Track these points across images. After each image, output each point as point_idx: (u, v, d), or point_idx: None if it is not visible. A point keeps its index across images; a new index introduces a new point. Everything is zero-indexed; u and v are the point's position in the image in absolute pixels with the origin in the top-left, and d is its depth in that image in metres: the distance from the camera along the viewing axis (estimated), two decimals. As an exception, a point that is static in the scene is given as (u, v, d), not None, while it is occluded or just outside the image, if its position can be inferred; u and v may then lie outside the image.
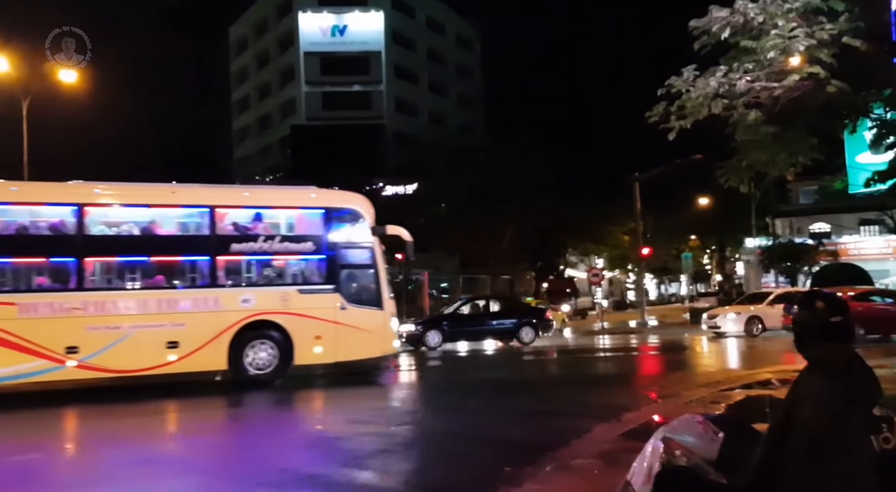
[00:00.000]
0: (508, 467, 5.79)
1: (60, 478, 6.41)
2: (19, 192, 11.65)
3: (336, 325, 12.03)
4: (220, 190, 13.43)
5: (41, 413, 9.91)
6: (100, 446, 7.85)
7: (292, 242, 12.32)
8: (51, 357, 10.45)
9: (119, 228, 11.67)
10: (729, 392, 9.06)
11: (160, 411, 10.16)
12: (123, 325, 10.92)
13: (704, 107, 10.60)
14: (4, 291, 10.68)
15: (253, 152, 63.89)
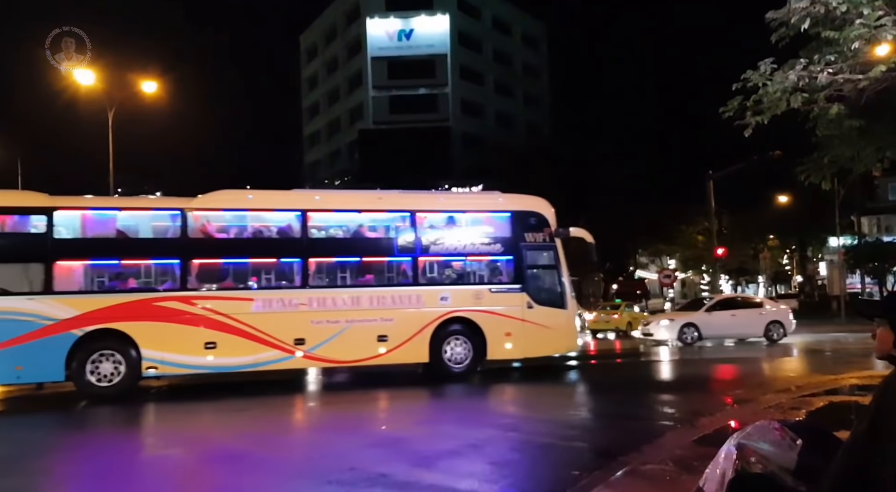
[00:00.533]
0: (577, 471, 5.74)
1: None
2: (254, 199, 12.82)
3: (524, 323, 12.72)
4: (418, 196, 14.29)
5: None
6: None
7: (483, 244, 13.04)
8: (282, 348, 11.62)
9: (335, 232, 12.83)
10: (810, 398, 8.67)
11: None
12: (341, 320, 11.94)
13: (783, 101, 10.18)
14: (243, 288, 11.91)
15: (323, 157, 65.40)
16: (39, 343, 10.53)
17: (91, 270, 11.61)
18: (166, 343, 11.11)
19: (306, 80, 68.61)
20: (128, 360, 10.91)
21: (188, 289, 11.48)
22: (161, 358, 11.08)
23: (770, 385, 10.98)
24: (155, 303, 11.25)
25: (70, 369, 10.73)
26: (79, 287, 11.39)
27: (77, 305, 10.89)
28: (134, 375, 11.01)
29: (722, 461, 2.83)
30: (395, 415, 10.08)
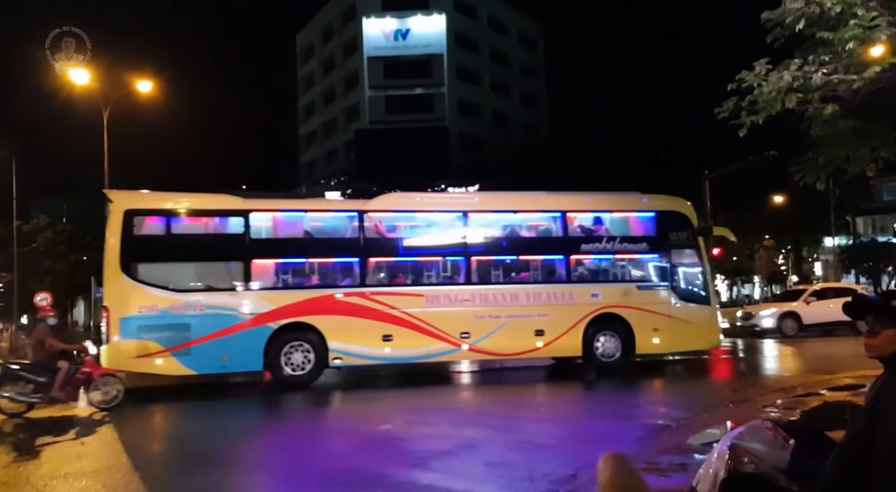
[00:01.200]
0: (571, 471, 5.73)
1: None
2: (421, 201, 13.87)
3: (670, 318, 13.19)
4: (568, 197, 14.60)
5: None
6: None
7: (630, 243, 13.53)
8: (450, 341, 12.35)
9: (494, 232, 13.41)
10: (804, 398, 8.69)
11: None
12: (502, 315, 12.61)
13: (778, 101, 10.21)
14: (414, 284, 12.67)
15: (319, 156, 65.31)
16: (241, 335, 11.47)
17: (283, 267, 12.39)
18: (349, 335, 11.94)
19: (302, 80, 68.49)
20: (316, 351, 11.80)
21: (367, 285, 12.32)
22: (345, 349, 11.94)
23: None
24: (338, 298, 12.16)
25: (267, 359, 11.59)
26: (273, 284, 12.19)
27: (272, 300, 11.80)
28: (321, 364, 11.89)
29: (715, 461, 2.83)
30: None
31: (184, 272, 11.85)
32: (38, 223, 38.23)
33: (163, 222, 11.97)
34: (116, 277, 11.29)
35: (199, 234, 12.34)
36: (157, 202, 12.30)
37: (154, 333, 11.15)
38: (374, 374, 14.06)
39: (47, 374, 9.67)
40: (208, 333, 11.28)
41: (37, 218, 38.72)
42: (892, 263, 31.49)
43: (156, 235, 11.90)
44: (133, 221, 11.60)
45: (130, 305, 11.22)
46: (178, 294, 11.42)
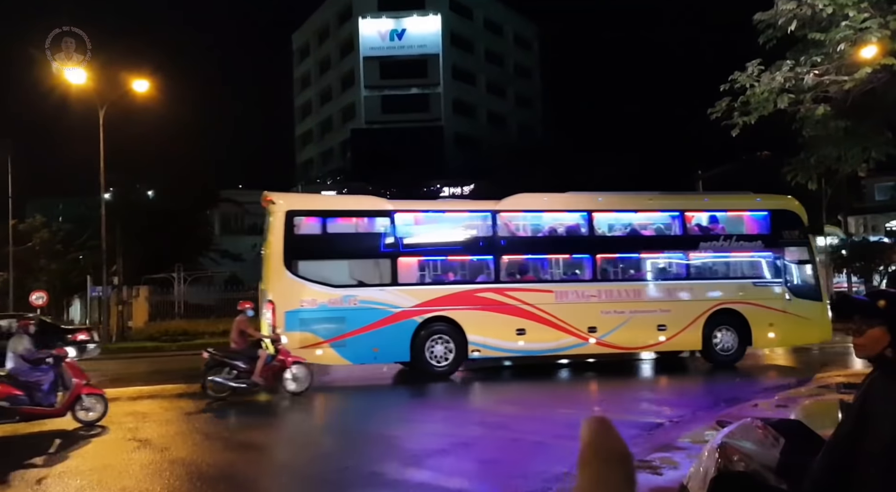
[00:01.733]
0: (566, 469, 5.78)
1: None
2: (548, 202, 14.14)
3: (784, 314, 13.50)
4: (685, 197, 15.31)
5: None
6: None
7: (745, 241, 13.92)
8: (578, 335, 12.85)
9: (617, 230, 13.93)
10: (796, 396, 8.76)
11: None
12: (626, 310, 13.07)
13: (770, 102, 10.29)
14: (545, 281, 13.21)
15: (315, 156, 65.20)
16: (390, 328, 12.18)
17: (425, 264, 13.07)
18: (486, 329, 12.54)
19: (298, 80, 68.34)
20: (456, 343, 12.39)
21: (501, 281, 12.87)
22: (483, 342, 12.52)
23: None
24: (475, 294, 12.74)
25: (413, 351, 12.21)
26: (416, 280, 12.86)
27: (416, 295, 12.47)
28: (461, 356, 12.49)
29: (705, 460, 2.86)
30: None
31: (338, 269, 12.58)
32: (33, 222, 38.14)
33: (319, 222, 12.77)
34: (280, 274, 12.07)
35: (350, 233, 13.18)
36: (314, 204, 13.44)
37: (314, 325, 11.94)
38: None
39: (248, 361, 10.51)
40: (361, 325, 12.04)
41: (33, 217, 38.61)
42: (883, 263, 31.61)
43: (313, 234, 12.67)
44: (294, 222, 12.36)
45: (293, 299, 11.98)
46: (335, 289, 12.18)
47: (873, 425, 2.32)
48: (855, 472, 2.35)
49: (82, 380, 8.88)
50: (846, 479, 2.38)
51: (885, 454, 2.25)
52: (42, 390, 8.62)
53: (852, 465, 2.36)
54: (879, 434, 2.28)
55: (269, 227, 12.44)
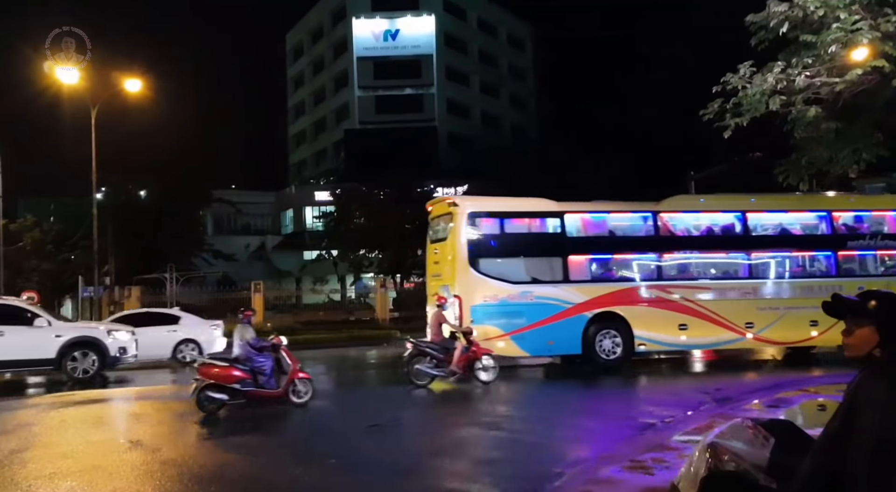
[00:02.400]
0: (558, 469, 5.79)
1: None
2: (704, 203, 14.75)
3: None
4: (831, 197, 15.29)
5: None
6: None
7: (891, 239, 14.19)
8: (736, 330, 13.34)
9: (769, 230, 14.27)
10: (786, 396, 8.80)
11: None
12: (780, 307, 13.57)
13: (762, 103, 10.35)
14: (704, 278, 13.71)
15: (308, 157, 65.08)
16: (564, 322, 12.88)
17: (593, 262, 13.78)
18: (651, 325, 13.15)
19: (292, 80, 68.21)
20: (623, 338, 13.02)
21: (663, 279, 13.56)
22: (648, 337, 13.16)
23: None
24: (639, 291, 13.40)
25: (584, 344, 12.85)
26: (585, 277, 13.52)
27: (586, 292, 13.13)
28: (628, 350, 13.09)
29: (696, 460, 2.87)
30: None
31: (515, 266, 13.38)
32: (24, 222, 37.89)
33: (497, 223, 13.55)
34: (465, 271, 12.91)
35: (525, 233, 13.94)
36: (492, 206, 13.96)
37: (496, 319, 12.71)
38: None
39: (444, 351, 11.45)
40: (538, 319, 12.76)
41: (24, 217, 38.37)
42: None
43: (492, 234, 13.42)
44: (475, 223, 13.22)
45: (477, 294, 12.79)
46: (513, 286, 12.96)
47: (860, 423, 2.34)
48: (843, 471, 2.36)
49: (297, 365, 9.78)
50: (835, 478, 2.39)
51: (872, 453, 2.26)
52: (265, 374, 9.54)
53: (841, 463, 2.37)
54: (866, 433, 2.29)
55: (450, 227, 13.35)
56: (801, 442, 2.83)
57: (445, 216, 13.68)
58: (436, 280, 13.92)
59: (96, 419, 9.65)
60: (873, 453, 2.25)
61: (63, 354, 13.61)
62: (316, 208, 49.24)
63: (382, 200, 36.59)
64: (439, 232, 14.04)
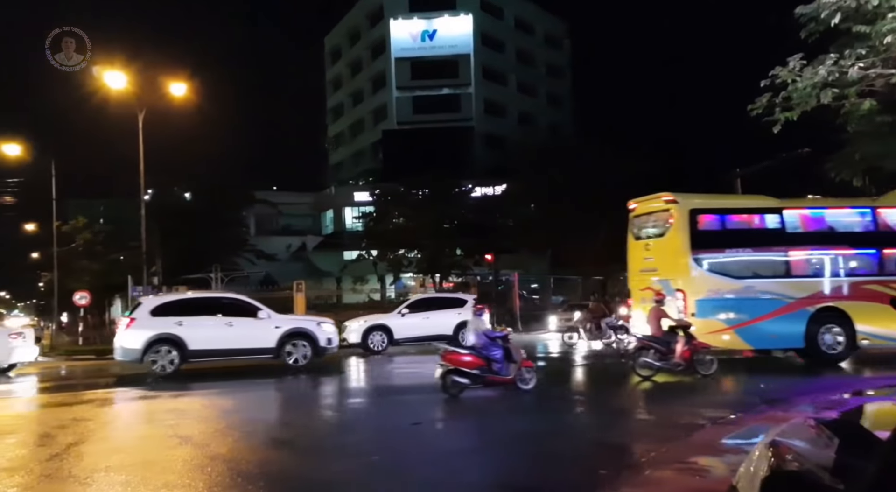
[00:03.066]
0: (604, 470, 5.72)
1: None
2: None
3: None
4: None
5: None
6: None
7: None
8: None
9: None
10: (845, 398, 8.53)
11: None
12: None
13: (813, 97, 10.05)
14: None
15: (346, 158, 65.68)
16: (786, 317, 13.02)
17: (813, 258, 13.77)
18: (873, 320, 13.13)
19: (330, 82, 68.93)
20: (846, 333, 13.06)
21: (885, 274, 13.45)
22: (871, 332, 13.15)
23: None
24: (861, 286, 13.38)
25: (807, 339, 12.96)
26: (806, 272, 13.61)
27: (807, 287, 13.27)
28: (850, 345, 13.15)
29: (756, 459, 2.80)
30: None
31: (737, 261, 13.54)
32: (76, 224, 39.10)
33: (717, 219, 13.87)
34: (689, 266, 13.21)
35: (745, 228, 14.07)
36: (711, 202, 14.30)
37: (719, 313, 13.01)
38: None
39: (665, 345, 11.79)
40: (761, 314, 12.93)
41: (75, 219, 39.58)
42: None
43: (713, 229, 13.73)
44: (696, 219, 13.47)
45: (700, 289, 13.09)
46: (736, 280, 13.19)
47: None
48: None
49: (524, 355, 10.66)
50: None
51: None
52: (498, 361, 10.28)
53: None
54: None
55: (669, 224, 13.63)
56: (868, 443, 2.73)
57: (661, 213, 13.97)
58: (647, 275, 14.20)
59: (147, 415, 9.90)
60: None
61: (282, 343, 14.76)
62: (355, 209, 49.68)
63: (420, 199, 36.73)
64: (651, 228, 14.39)
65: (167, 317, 14.24)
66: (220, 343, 14.34)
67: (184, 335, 14.07)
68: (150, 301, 15.06)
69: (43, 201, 33.26)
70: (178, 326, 14.11)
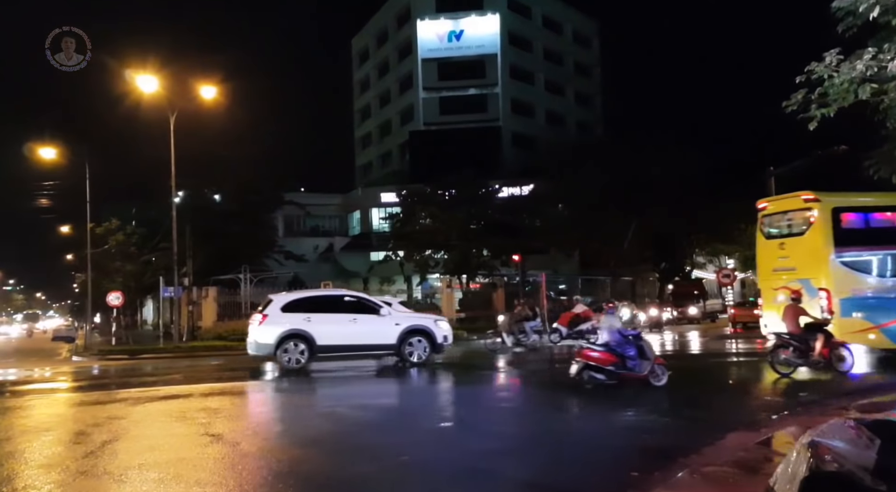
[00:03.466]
0: (636, 472, 5.65)
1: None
2: None
3: None
4: None
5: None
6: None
7: None
8: None
9: None
10: (880, 400, 8.32)
11: None
12: None
13: (850, 92, 9.80)
14: None
15: (373, 159, 66.05)
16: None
17: None
18: None
19: (358, 83, 69.41)
20: None
21: None
22: None
23: None
24: None
25: None
26: None
27: None
28: None
29: (795, 460, 2.74)
30: None
31: (882, 260, 13.43)
32: (109, 226, 39.88)
33: (860, 217, 13.87)
34: (832, 265, 13.22)
35: (890, 227, 13.97)
36: (852, 201, 14.23)
37: (864, 311, 12.96)
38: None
39: (805, 343, 11.87)
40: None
41: (108, 221, 40.38)
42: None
43: (856, 228, 13.74)
44: (839, 217, 13.49)
45: (844, 288, 13.05)
46: (882, 279, 13.20)
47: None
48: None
49: (656, 353, 10.97)
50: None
51: None
52: (632, 358, 10.59)
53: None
54: None
55: (809, 222, 13.61)
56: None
57: (799, 212, 13.91)
58: (781, 274, 14.12)
59: (179, 413, 10.04)
60: None
61: (402, 340, 15.22)
62: (382, 210, 49.93)
63: (447, 200, 36.76)
64: (786, 227, 14.40)
65: (296, 313, 14.88)
66: (346, 339, 14.90)
67: (312, 331, 14.68)
68: (280, 298, 15.70)
69: (78, 204, 33.99)
70: (306, 321, 14.75)
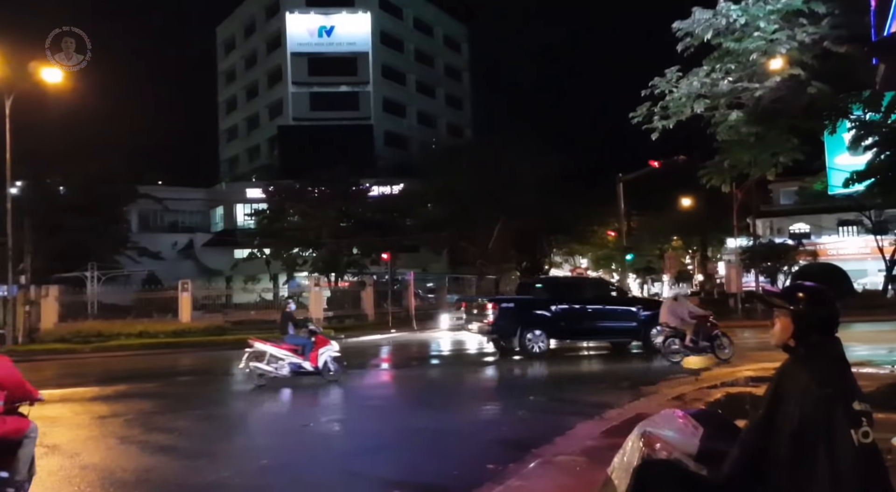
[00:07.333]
0: (492, 464, 5.83)
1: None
2: None
3: None
4: None
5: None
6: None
7: None
8: None
9: None
10: (710, 389, 9.13)
11: None
12: None
13: (687, 107, 10.73)
14: None
15: (241, 152, 63.50)
16: None
17: None
18: None
19: (223, 74, 66.31)
20: None
21: None
22: None
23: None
24: None
25: None
26: None
27: None
28: None
29: (629, 449, 2.93)
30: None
31: None
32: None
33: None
34: None
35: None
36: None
37: None
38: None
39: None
40: None
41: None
42: (787, 263, 33.67)
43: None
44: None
45: None
46: None
47: (783, 411, 2.44)
48: (767, 456, 2.46)
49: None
50: (760, 462, 2.49)
51: (793, 437, 2.36)
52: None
53: (765, 449, 2.47)
54: (788, 417, 2.40)
55: None
56: (729, 431, 2.93)
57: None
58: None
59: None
60: (794, 439, 2.36)
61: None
62: (248, 206, 48.15)
63: (318, 197, 36.11)
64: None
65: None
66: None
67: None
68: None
69: None
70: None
